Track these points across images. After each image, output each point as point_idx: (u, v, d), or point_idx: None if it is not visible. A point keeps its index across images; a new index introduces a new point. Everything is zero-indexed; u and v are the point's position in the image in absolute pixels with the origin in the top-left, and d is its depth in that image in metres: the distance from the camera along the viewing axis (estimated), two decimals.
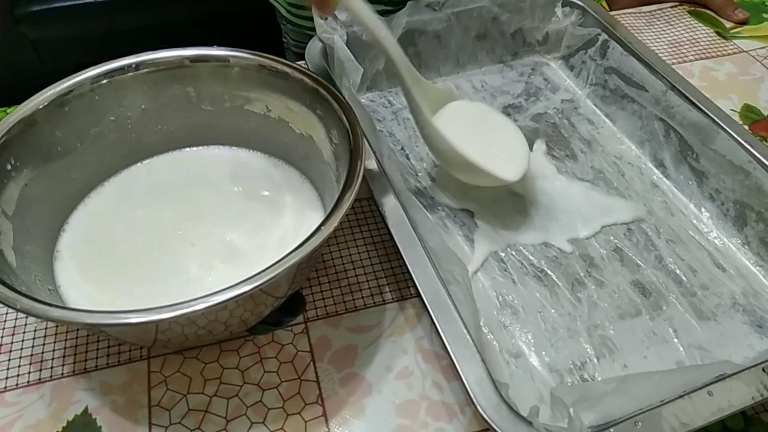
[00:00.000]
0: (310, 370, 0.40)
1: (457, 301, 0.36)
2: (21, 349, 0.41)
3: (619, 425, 0.32)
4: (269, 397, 0.39)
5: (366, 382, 0.39)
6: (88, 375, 0.39)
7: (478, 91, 0.61)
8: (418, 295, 0.38)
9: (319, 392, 0.39)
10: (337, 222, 0.34)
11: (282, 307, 0.41)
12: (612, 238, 0.48)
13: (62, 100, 0.41)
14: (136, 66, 0.44)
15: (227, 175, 0.47)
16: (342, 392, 0.39)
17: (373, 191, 0.43)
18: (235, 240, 0.43)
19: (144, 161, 0.47)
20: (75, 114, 0.42)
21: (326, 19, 0.54)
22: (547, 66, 0.64)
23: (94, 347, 0.41)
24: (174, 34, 1.00)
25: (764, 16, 0.73)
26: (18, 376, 0.39)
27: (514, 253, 0.46)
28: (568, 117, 0.58)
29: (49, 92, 0.41)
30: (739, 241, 0.47)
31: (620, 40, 0.56)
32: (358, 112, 0.41)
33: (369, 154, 0.44)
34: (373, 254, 0.46)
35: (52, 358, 0.40)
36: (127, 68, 0.44)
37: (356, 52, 0.51)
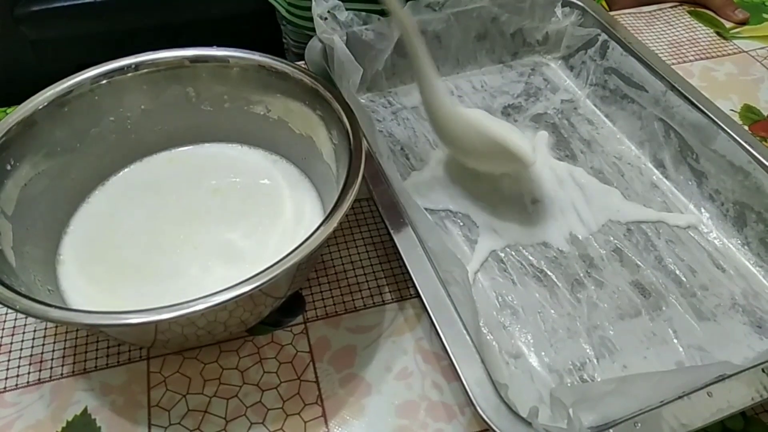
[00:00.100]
0: (310, 371, 0.40)
1: (457, 301, 0.36)
2: (21, 349, 0.41)
3: (618, 426, 0.32)
4: (269, 398, 0.39)
5: (365, 382, 0.39)
6: (88, 375, 0.39)
7: (477, 92, 0.61)
8: (418, 296, 0.38)
9: (318, 393, 0.39)
10: (337, 222, 0.34)
11: (281, 308, 0.41)
12: (611, 238, 0.48)
13: (62, 100, 0.41)
14: (136, 66, 0.44)
15: (227, 174, 0.47)
16: (341, 393, 0.39)
17: (373, 191, 0.43)
18: (234, 240, 0.43)
19: (143, 160, 0.47)
20: (75, 114, 0.42)
21: (326, 19, 0.54)
22: (546, 66, 0.64)
23: (93, 347, 0.41)
24: (174, 34, 1.00)
25: (764, 16, 0.73)
26: (18, 376, 0.39)
27: (513, 254, 0.46)
28: (568, 117, 0.58)
29: (49, 92, 0.41)
30: (738, 241, 0.47)
31: (620, 40, 0.56)
32: (357, 112, 0.41)
33: (369, 155, 0.44)
34: (372, 254, 0.46)
35: (52, 359, 0.40)
36: (127, 68, 0.44)
37: (356, 53, 0.51)
